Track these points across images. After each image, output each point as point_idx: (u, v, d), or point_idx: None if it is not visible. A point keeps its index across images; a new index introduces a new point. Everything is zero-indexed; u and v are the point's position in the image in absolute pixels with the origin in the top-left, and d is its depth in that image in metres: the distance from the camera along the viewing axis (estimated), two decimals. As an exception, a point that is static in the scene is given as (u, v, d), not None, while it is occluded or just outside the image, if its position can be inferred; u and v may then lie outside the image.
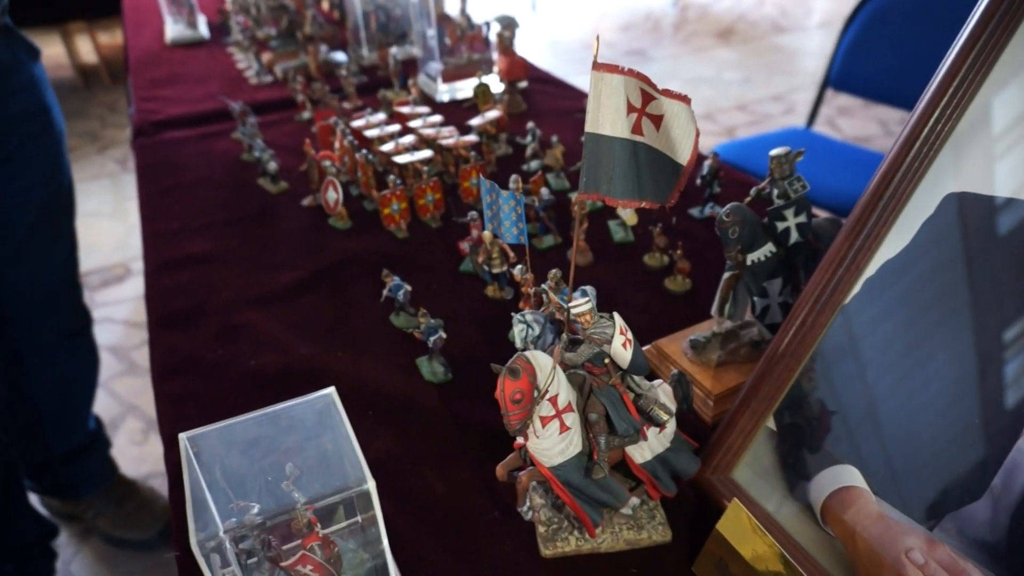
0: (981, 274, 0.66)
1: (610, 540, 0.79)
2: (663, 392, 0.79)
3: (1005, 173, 0.66)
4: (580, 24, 6.49)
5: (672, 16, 6.67)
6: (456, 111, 1.84)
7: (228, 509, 0.69)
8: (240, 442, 0.68)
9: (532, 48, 5.74)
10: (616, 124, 0.70)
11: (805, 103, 4.62)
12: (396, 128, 1.52)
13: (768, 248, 0.92)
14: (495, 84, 1.93)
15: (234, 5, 2.50)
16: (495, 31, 1.93)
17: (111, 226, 3.64)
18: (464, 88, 1.96)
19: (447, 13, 1.96)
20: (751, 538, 0.69)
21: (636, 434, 0.74)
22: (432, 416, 0.99)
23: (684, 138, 0.70)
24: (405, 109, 1.61)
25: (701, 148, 1.45)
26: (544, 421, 0.72)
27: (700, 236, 1.33)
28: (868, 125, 4.38)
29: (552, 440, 0.73)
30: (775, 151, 0.91)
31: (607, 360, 0.73)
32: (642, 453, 0.79)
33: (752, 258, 0.92)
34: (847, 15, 2.52)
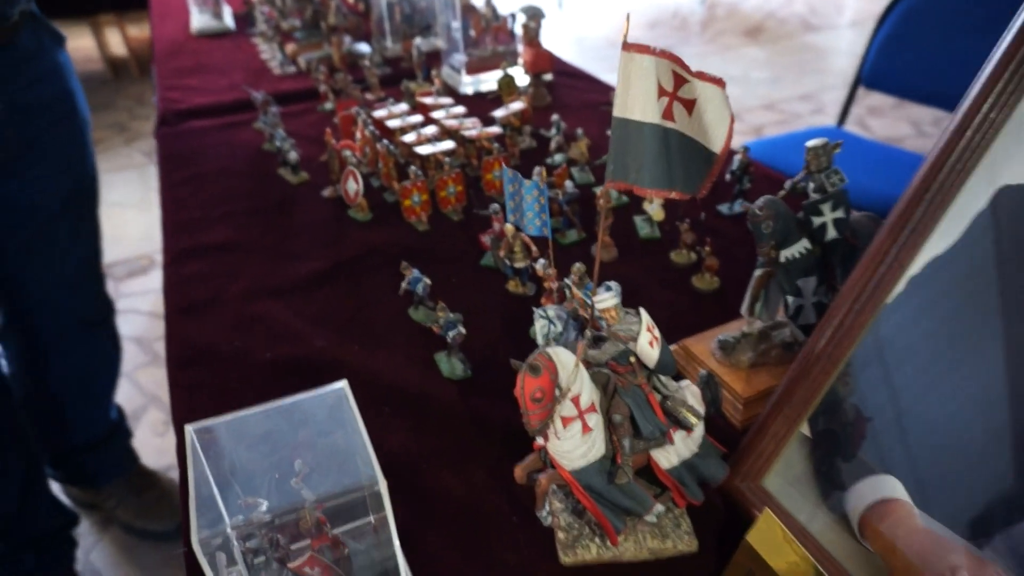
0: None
1: (633, 549, 0.76)
2: (691, 394, 0.75)
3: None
4: (606, 21, 6.43)
5: (699, 14, 6.58)
6: (480, 103, 1.81)
7: (236, 505, 0.66)
8: (249, 435, 0.66)
9: (558, 45, 5.69)
10: (646, 109, 0.66)
11: (834, 103, 4.52)
12: (418, 119, 1.49)
13: (803, 245, 0.87)
14: (520, 76, 1.89)
15: (259, -4, 2.49)
16: (520, 22, 1.90)
17: (137, 217, 3.67)
18: (488, 80, 1.93)
19: (472, 4, 1.93)
20: (783, 550, 0.65)
21: (662, 437, 0.71)
22: (450, 413, 0.96)
23: (718, 124, 0.66)
24: (428, 100, 1.59)
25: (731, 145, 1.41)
26: (565, 422, 0.69)
27: (729, 233, 1.29)
28: (900, 125, 4.27)
29: (574, 442, 0.70)
30: (812, 142, 0.86)
31: (632, 359, 0.70)
32: (668, 458, 0.75)
33: (786, 255, 0.87)
34: (880, 12, 2.44)
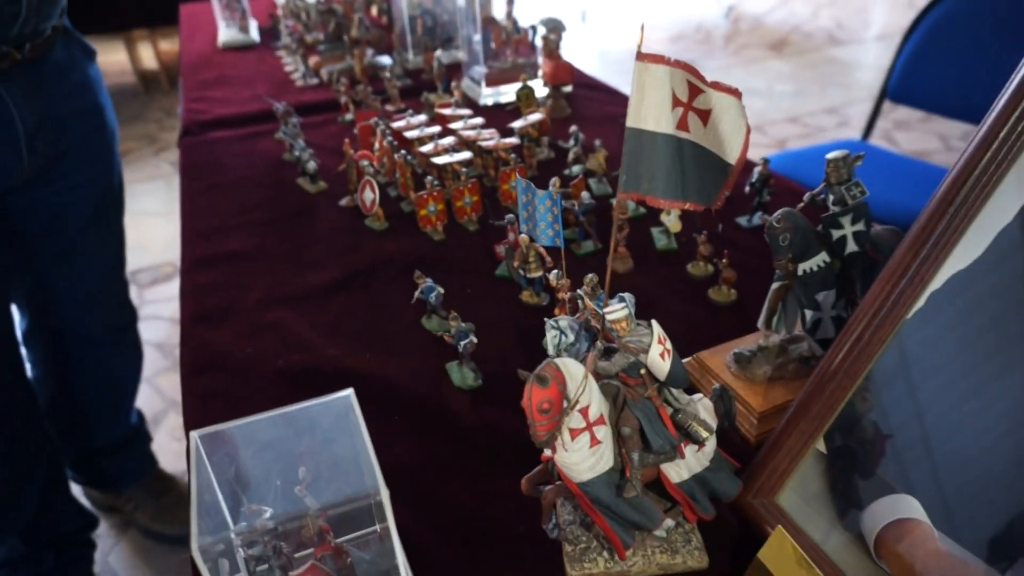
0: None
1: (641, 563, 0.74)
2: (703, 407, 0.74)
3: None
4: (629, 34, 6.43)
5: (723, 27, 6.56)
6: (499, 115, 1.81)
7: (240, 512, 0.66)
8: (255, 442, 0.66)
9: (581, 57, 5.69)
10: (660, 119, 0.65)
11: (860, 116, 4.47)
12: (436, 130, 1.49)
13: (822, 258, 0.86)
14: (539, 88, 1.89)
15: (284, 9, 2.53)
16: (541, 34, 1.90)
17: (163, 226, 3.73)
18: (508, 92, 1.93)
19: (493, 17, 1.93)
20: (795, 570, 0.63)
21: (672, 451, 0.69)
22: (460, 423, 0.95)
23: (734, 135, 0.66)
24: (447, 111, 1.59)
25: (750, 157, 1.39)
26: (574, 433, 0.68)
27: (747, 245, 1.27)
28: (927, 139, 4.21)
29: (582, 454, 0.69)
30: (832, 154, 0.85)
31: (643, 371, 0.69)
32: (679, 472, 0.73)
33: (804, 268, 0.86)
34: (908, 25, 2.41)
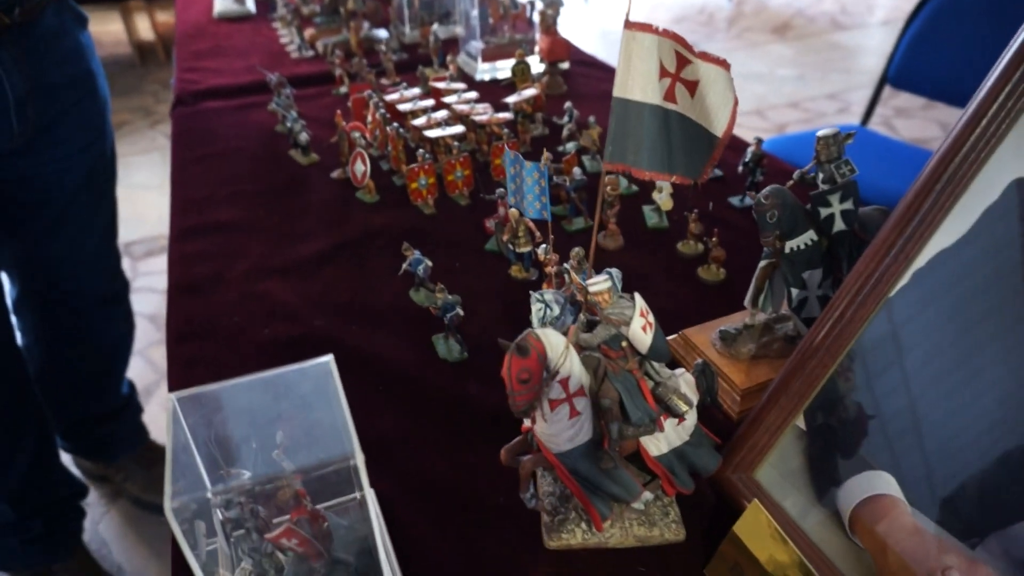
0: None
1: (619, 535, 0.75)
2: (685, 382, 0.74)
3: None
4: (632, 15, 6.37)
5: (727, 10, 6.50)
6: (494, 90, 1.79)
7: (218, 476, 0.66)
8: (234, 407, 0.65)
9: (582, 36, 5.66)
10: (647, 89, 0.65)
11: (861, 103, 4.42)
12: (430, 103, 1.48)
13: (809, 236, 0.85)
14: (536, 64, 1.88)
15: (282, -20, 2.49)
16: (538, 10, 1.88)
17: (158, 198, 3.70)
18: (504, 68, 1.91)
19: (491, -9, 1.91)
20: (769, 543, 0.63)
21: (652, 424, 0.69)
22: (443, 395, 0.95)
23: (721, 107, 0.65)
24: (441, 84, 1.58)
25: (746, 138, 1.38)
26: (553, 404, 0.68)
27: (739, 225, 1.27)
28: (927, 127, 4.18)
29: (561, 425, 0.69)
30: (823, 131, 0.84)
31: (624, 343, 0.68)
32: (658, 445, 0.73)
33: (791, 245, 0.85)
34: (911, 9, 2.39)
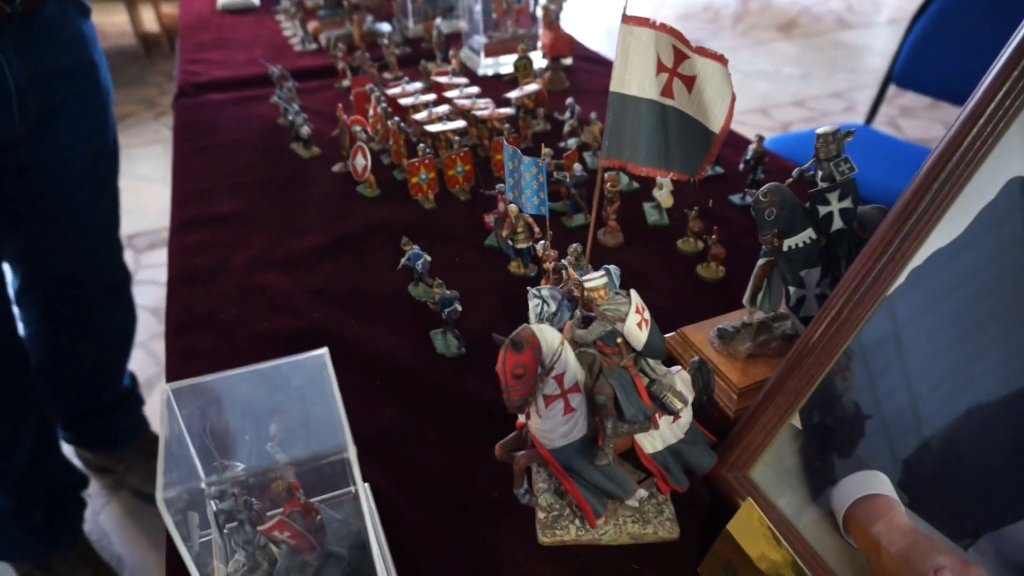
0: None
1: (613, 532, 0.75)
2: (680, 379, 0.74)
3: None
4: (638, 11, 6.35)
5: (732, 7, 6.48)
6: (496, 85, 1.79)
7: (212, 467, 0.66)
8: (229, 399, 0.65)
9: (586, 32, 5.64)
10: (644, 84, 0.64)
11: (866, 102, 4.39)
12: (431, 97, 1.48)
13: (808, 234, 0.85)
14: (538, 60, 1.87)
15: (285, -27, 2.49)
16: (541, 4, 1.88)
17: (161, 190, 3.70)
18: (507, 63, 1.91)
19: (495, -15, 1.90)
20: (762, 542, 0.63)
21: (646, 421, 0.69)
22: (440, 390, 0.95)
23: (718, 102, 0.65)
24: (443, 79, 1.57)
25: (750, 137, 1.37)
26: (548, 400, 0.68)
27: (739, 223, 1.26)
28: (932, 127, 4.16)
29: (555, 421, 0.69)
30: (822, 129, 0.84)
31: (620, 340, 0.68)
32: (653, 443, 0.73)
33: (789, 244, 0.85)
34: (916, 8, 2.37)
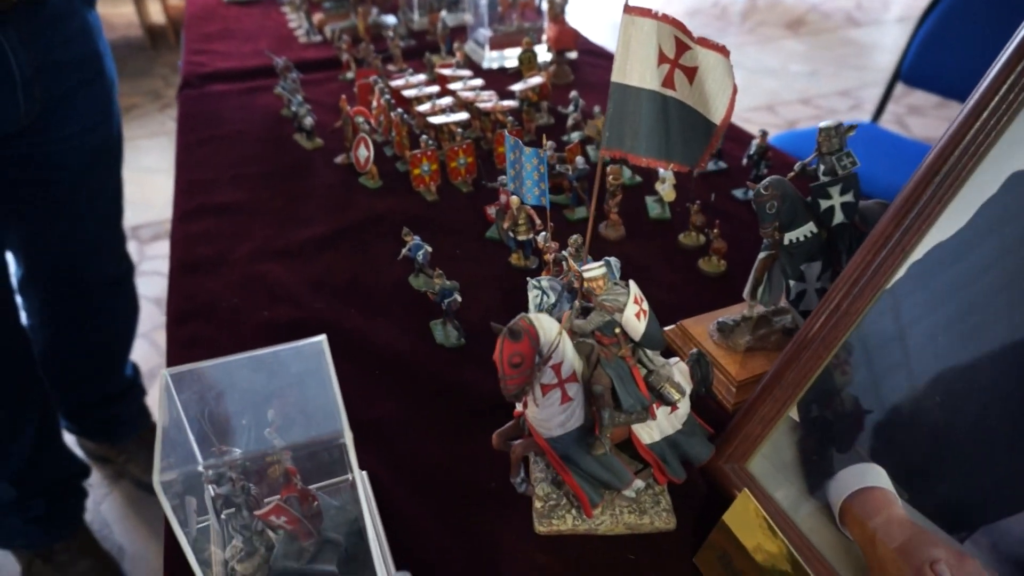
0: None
1: (609, 522, 0.75)
2: (678, 371, 0.74)
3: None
4: (645, 6, 6.32)
5: (740, 4, 6.45)
6: (501, 78, 1.79)
7: (210, 453, 0.67)
8: (228, 385, 0.66)
9: (591, 26, 5.62)
10: (645, 75, 0.64)
11: (874, 100, 4.37)
12: (435, 89, 1.48)
13: (809, 228, 0.85)
14: (543, 53, 1.87)
15: (291, -35, 2.48)
16: (547, -2, 1.87)
17: (166, 182, 3.71)
18: (512, 57, 1.90)
19: (500, -22, 1.90)
20: (758, 533, 0.63)
21: (644, 412, 0.69)
22: (440, 380, 0.95)
23: (719, 94, 0.64)
24: (447, 71, 1.57)
25: (754, 133, 1.37)
26: (545, 389, 0.68)
27: (741, 217, 1.26)
28: (940, 125, 4.14)
29: (552, 410, 0.69)
30: (824, 123, 0.84)
31: (618, 330, 0.68)
32: (650, 433, 0.73)
33: (790, 237, 0.85)
34: (925, 6, 2.36)
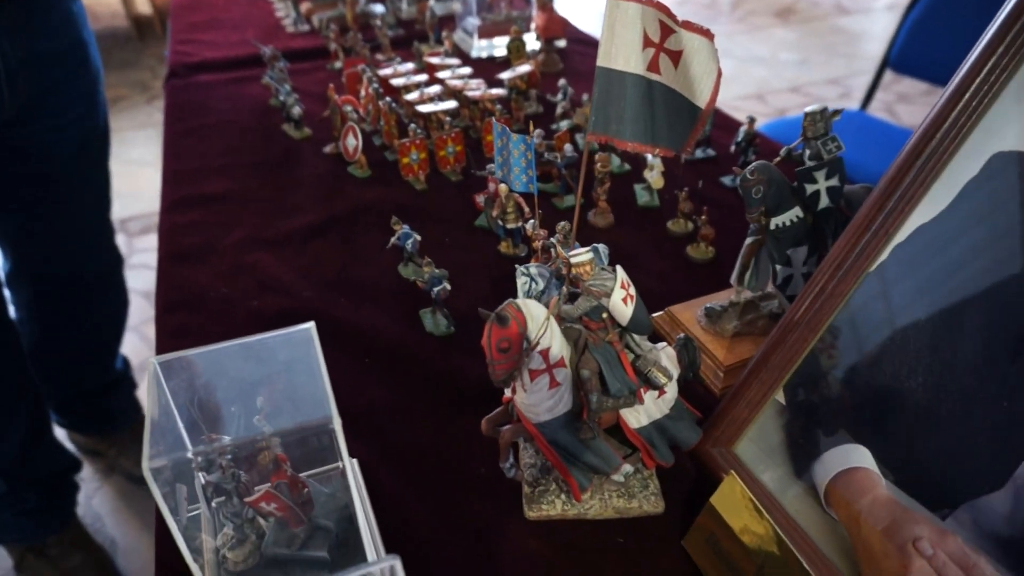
0: (1026, 244, 0.59)
1: (598, 507, 0.75)
2: (666, 355, 0.74)
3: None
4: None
5: (731, -8, 6.44)
6: (489, 67, 1.78)
7: (200, 440, 0.67)
8: (216, 373, 0.66)
9: (580, 15, 5.60)
10: (630, 58, 0.64)
11: (863, 88, 4.39)
12: (423, 78, 1.47)
13: (795, 213, 0.85)
14: (532, 42, 1.86)
15: (277, -47, 2.46)
16: (535, -14, 1.86)
17: (154, 174, 3.68)
18: (500, 45, 1.90)
19: (488, -33, 1.89)
20: (745, 515, 0.64)
21: (631, 396, 0.70)
22: (429, 368, 0.95)
23: (704, 77, 0.64)
24: (435, 60, 1.57)
25: (740, 118, 1.37)
26: (533, 375, 0.68)
27: (729, 204, 1.26)
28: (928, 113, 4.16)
29: (541, 395, 0.69)
30: (810, 107, 0.84)
31: (605, 315, 0.69)
32: (638, 418, 0.74)
33: (776, 222, 0.85)
34: (914, -6, 2.37)
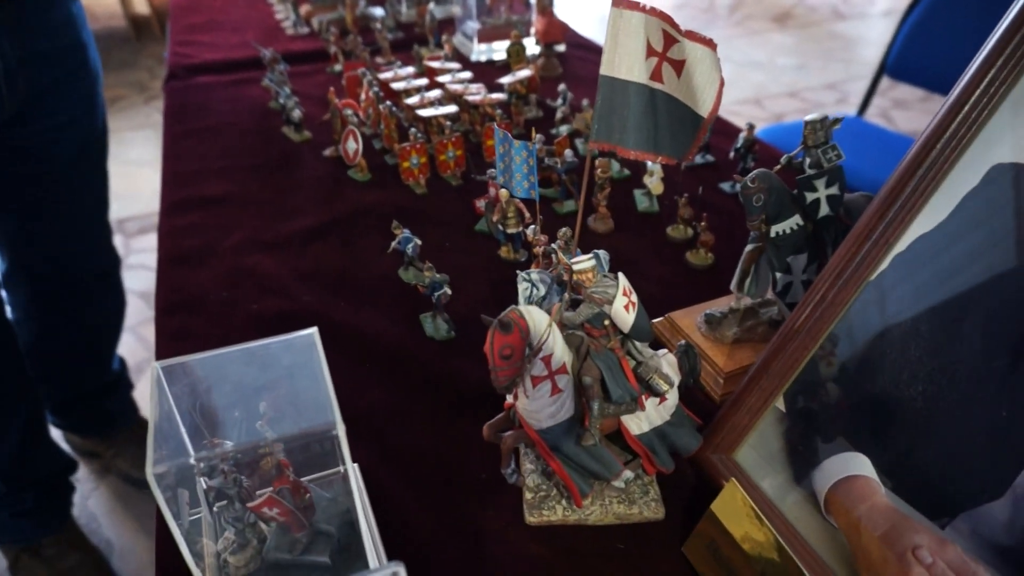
0: (1025, 255, 0.60)
1: (599, 513, 0.75)
2: (667, 362, 0.74)
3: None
4: (633, 0, 6.32)
5: (729, -4, 6.47)
6: (489, 71, 1.79)
7: (202, 445, 0.67)
8: (218, 378, 0.66)
9: (580, 19, 5.61)
10: (633, 67, 0.65)
11: (860, 93, 4.41)
12: (423, 82, 1.48)
13: (795, 220, 0.86)
14: (531, 46, 1.87)
15: (277, -45, 2.46)
16: (535, -10, 1.87)
17: (152, 175, 3.68)
18: (500, 49, 1.90)
19: (488, -29, 1.90)
20: (745, 522, 0.64)
21: (632, 403, 0.70)
22: (430, 373, 0.96)
23: (707, 86, 0.65)
24: (435, 64, 1.57)
25: (742, 127, 1.38)
26: (536, 381, 0.68)
27: (729, 210, 1.27)
28: (924, 119, 4.13)
29: (542, 402, 0.69)
30: (810, 116, 0.84)
31: (607, 322, 0.69)
32: (639, 424, 0.74)
33: (777, 230, 0.86)
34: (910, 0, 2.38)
